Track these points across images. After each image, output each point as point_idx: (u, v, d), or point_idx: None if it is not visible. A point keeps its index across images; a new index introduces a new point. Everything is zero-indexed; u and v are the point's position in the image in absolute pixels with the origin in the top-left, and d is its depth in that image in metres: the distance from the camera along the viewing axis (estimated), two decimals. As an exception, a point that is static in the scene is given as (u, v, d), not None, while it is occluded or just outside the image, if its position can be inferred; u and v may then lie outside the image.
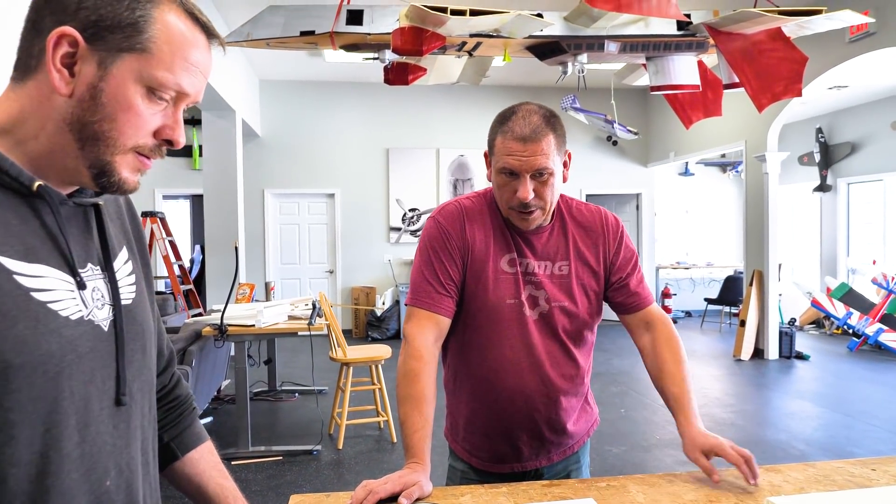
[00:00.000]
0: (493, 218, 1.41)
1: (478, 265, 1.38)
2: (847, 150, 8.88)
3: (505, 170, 1.31)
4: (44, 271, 0.69)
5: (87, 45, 0.68)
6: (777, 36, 4.41)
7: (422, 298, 1.35)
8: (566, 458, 1.50)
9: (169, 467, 0.98)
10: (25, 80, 0.70)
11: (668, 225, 10.45)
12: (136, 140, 0.72)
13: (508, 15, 4.12)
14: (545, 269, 1.40)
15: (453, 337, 1.44)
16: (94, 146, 0.71)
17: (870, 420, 4.79)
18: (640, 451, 4.14)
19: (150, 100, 0.72)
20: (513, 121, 1.30)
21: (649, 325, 1.44)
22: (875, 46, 5.12)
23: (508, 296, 1.37)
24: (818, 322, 8.85)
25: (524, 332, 1.38)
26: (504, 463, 1.45)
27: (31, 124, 0.70)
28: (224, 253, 6.48)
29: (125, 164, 0.73)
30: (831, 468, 1.26)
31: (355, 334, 8.54)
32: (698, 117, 5.40)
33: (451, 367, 1.49)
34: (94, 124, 0.70)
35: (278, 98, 8.53)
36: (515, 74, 8.11)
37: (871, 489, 1.11)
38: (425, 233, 1.42)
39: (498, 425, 1.42)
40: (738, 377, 6.24)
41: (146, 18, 0.69)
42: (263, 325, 3.92)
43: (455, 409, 1.50)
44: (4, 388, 0.64)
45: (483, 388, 1.42)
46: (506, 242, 1.39)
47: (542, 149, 1.28)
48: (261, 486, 3.53)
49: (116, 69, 0.69)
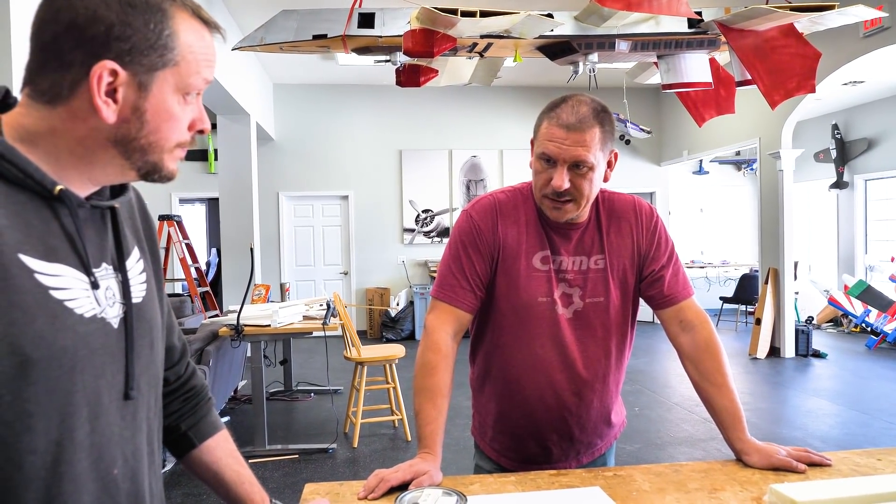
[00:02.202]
0: (528, 213, 1.37)
1: (509, 262, 1.35)
2: (864, 146, 8.78)
3: (544, 155, 1.28)
4: (62, 270, 0.73)
5: (126, 73, 0.72)
6: (789, 32, 4.39)
7: (446, 291, 1.35)
8: (594, 459, 1.48)
9: (187, 455, 1.02)
10: (55, 105, 0.72)
11: (682, 224, 10.39)
12: (179, 139, 0.78)
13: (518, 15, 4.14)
14: (581, 264, 1.36)
15: (483, 335, 1.42)
16: (143, 155, 0.76)
17: (888, 417, 4.74)
18: (655, 448, 4.14)
19: (184, 102, 0.77)
20: (561, 108, 1.27)
21: (686, 325, 1.37)
22: (890, 41, 5.07)
23: (540, 294, 1.34)
24: (836, 320, 8.76)
25: (556, 330, 1.35)
26: (534, 463, 1.42)
27: (66, 142, 0.74)
28: (240, 255, 6.56)
29: (171, 158, 0.79)
30: (837, 458, 1.27)
31: (370, 335, 8.59)
32: (711, 115, 5.38)
33: (479, 367, 1.47)
34: (140, 139, 0.75)
35: (292, 101, 8.61)
36: (527, 75, 8.12)
37: (874, 477, 1.12)
38: (457, 227, 1.40)
39: (527, 426, 1.40)
40: (753, 375, 6.20)
41: (171, 35, 0.73)
42: (279, 325, 3.97)
43: (483, 409, 1.48)
44: (24, 381, 0.68)
45: (513, 388, 1.39)
46: (539, 239, 1.36)
47: (584, 140, 1.24)
48: (277, 483, 3.58)
49: (156, 87, 0.74)
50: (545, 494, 1.13)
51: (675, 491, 1.13)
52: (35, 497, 0.70)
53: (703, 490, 1.13)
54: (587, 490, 1.14)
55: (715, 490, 1.13)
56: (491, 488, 1.16)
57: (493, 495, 1.13)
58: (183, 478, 3.58)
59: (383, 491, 1.10)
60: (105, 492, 0.77)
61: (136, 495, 0.82)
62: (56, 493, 0.72)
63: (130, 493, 0.81)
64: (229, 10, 5.79)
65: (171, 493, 3.40)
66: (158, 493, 0.90)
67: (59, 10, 0.70)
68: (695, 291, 1.44)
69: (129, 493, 0.81)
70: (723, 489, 1.13)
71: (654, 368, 6.55)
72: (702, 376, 1.34)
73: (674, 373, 6.34)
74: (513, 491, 1.15)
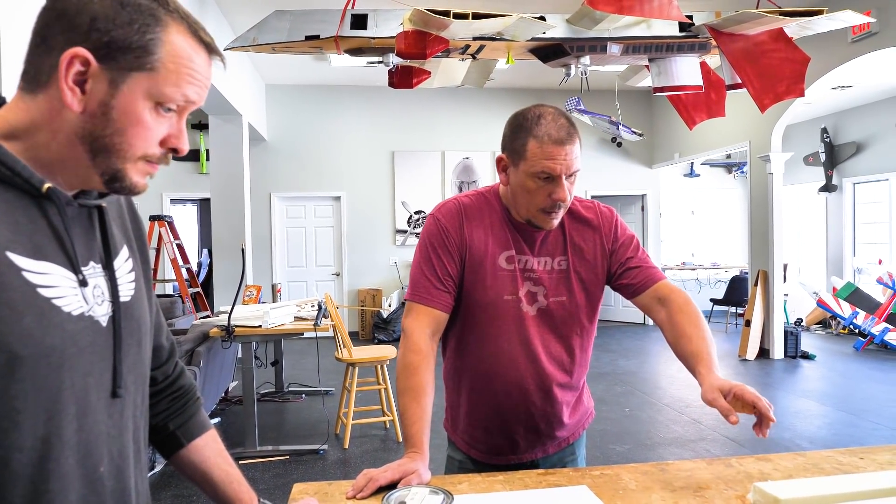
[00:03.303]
0: (493, 216, 1.44)
1: (475, 262, 1.41)
2: (852, 149, 8.87)
3: (542, 174, 1.31)
4: (49, 268, 0.73)
5: (99, 65, 0.71)
6: (779, 36, 4.43)
7: (420, 294, 1.39)
8: (562, 449, 1.54)
9: (175, 455, 1.02)
10: (36, 93, 0.73)
11: (673, 226, 10.45)
12: (145, 150, 0.76)
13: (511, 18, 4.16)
14: (545, 265, 1.43)
15: (452, 332, 1.47)
16: (106, 157, 0.75)
17: (875, 418, 4.79)
18: (644, 449, 4.16)
19: (157, 113, 0.76)
20: (543, 125, 1.30)
21: (663, 300, 1.41)
22: (878, 46, 5.13)
23: (506, 292, 1.40)
24: (825, 322, 8.83)
25: (521, 327, 1.41)
26: (501, 455, 1.49)
27: (43, 134, 0.74)
28: (231, 256, 6.54)
29: (135, 170, 0.77)
30: (821, 457, 1.29)
31: (362, 336, 8.59)
32: (702, 118, 5.42)
33: (450, 362, 1.52)
34: (105, 138, 0.74)
35: (284, 102, 8.60)
36: (519, 77, 8.15)
37: (856, 475, 1.14)
38: (425, 230, 1.45)
39: (496, 419, 1.46)
40: (743, 377, 6.23)
41: (155, 41, 0.73)
42: (270, 326, 3.97)
43: (455, 402, 1.54)
44: (11, 378, 0.69)
45: (481, 383, 1.46)
46: (504, 240, 1.42)
47: (575, 150, 1.32)
48: (267, 484, 3.57)
49: (127, 87, 0.73)
50: (533, 493, 1.14)
51: (661, 490, 1.14)
52: (22, 494, 0.71)
53: (688, 489, 1.14)
54: (574, 489, 1.15)
55: (700, 489, 1.14)
56: (479, 487, 1.17)
57: (480, 494, 1.13)
58: (172, 479, 3.57)
59: (372, 490, 1.11)
60: (91, 489, 0.77)
61: (122, 493, 0.82)
62: (43, 490, 0.72)
63: (116, 491, 0.81)
64: (222, 10, 5.78)
65: (160, 494, 3.39)
66: (144, 492, 0.90)
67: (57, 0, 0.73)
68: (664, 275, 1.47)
69: (114, 491, 0.81)
70: (708, 488, 1.14)
71: (645, 370, 6.59)
72: (675, 334, 1.35)
73: (664, 374, 6.37)
74: (500, 490, 1.16)
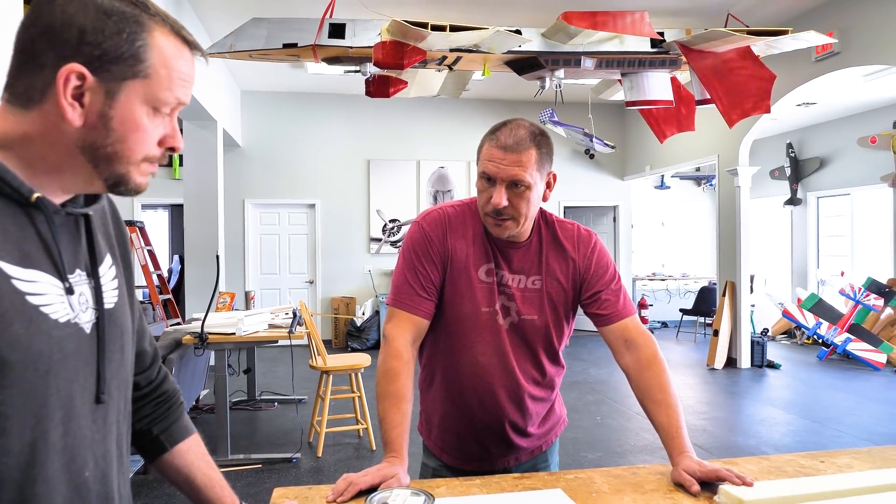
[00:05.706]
0: (475, 228, 1.45)
1: (456, 273, 1.43)
2: (816, 164, 9.15)
3: (484, 174, 1.36)
4: (37, 276, 0.74)
5: (95, 78, 0.73)
6: (746, 54, 4.58)
7: (403, 300, 1.41)
8: (534, 457, 1.56)
9: (158, 459, 1.03)
10: (29, 108, 0.74)
11: (644, 237, 10.64)
12: (147, 153, 0.79)
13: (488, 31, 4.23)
14: (519, 282, 1.44)
15: (430, 340, 1.49)
16: (109, 164, 0.77)
17: (837, 426, 4.93)
18: (615, 456, 4.22)
19: (153, 116, 0.78)
20: (501, 131, 1.35)
21: (630, 345, 1.40)
22: (840, 65, 5.32)
23: (484, 304, 1.42)
24: (790, 332, 9.05)
25: (497, 339, 1.43)
26: (474, 461, 1.51)
27: (38, 146, 0.75)
28: (204, 262, 6.47)
29: (138, 172, 0.79)
30: (783, 460, 1.34)
31: (335, 344, 8.54)
32: (672, 132, 5.56)
33: (426, 368, 1.54)
34: (106, 147, 0.75)
35: (260, 108, 8.56)
36: (495, 88, 8.24)
37: (816, 477, 1.19)
38: (409, 236, 1.47)
39: (468, 427, 1.48)
40: (711, 385, 6.37)
41: (144, 47, 0.75)
42: (244, 333, 3.94)
43: (429, 408, 1.56)
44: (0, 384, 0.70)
45: (456, 392, 1.48)
46: (485, 252, 1.44)
47: (521, 160, 1.32)
48: (240, 493, 3.50)
49: (123, 96, 0.75)
50: (509, 496, 1.17)
51: (633, 492, 1.18)
52: (8, 498, 0.71)
53: (659, 491, 1.19)
54: (549, 492, 1.18)
55: (670, 491, 1.19)
56: (457, 490, 1.20)
57: (460, 497, 1.16)
58: (152, 483, 3.51)
59: (352, 494, 1.13)
60: (76, 494, 0.78)
61: (107, 497, 0.83)
62: (29, 494, 0.73)
63: (101, 495, 0.82)
64: (198, 16, 5.75)
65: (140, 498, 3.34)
66: (127, 496, 0.91)
67: (39, 14, 0.73)
68: (636, 312, 1.49)
69: (99, 495, 0.82)
70: (677, 490, 1.19)
71: (616, 378, 6.68)
72: (643, 393, 1.36)
73: (635, 383, 6.45)
74: (478, 493, 1.19)
